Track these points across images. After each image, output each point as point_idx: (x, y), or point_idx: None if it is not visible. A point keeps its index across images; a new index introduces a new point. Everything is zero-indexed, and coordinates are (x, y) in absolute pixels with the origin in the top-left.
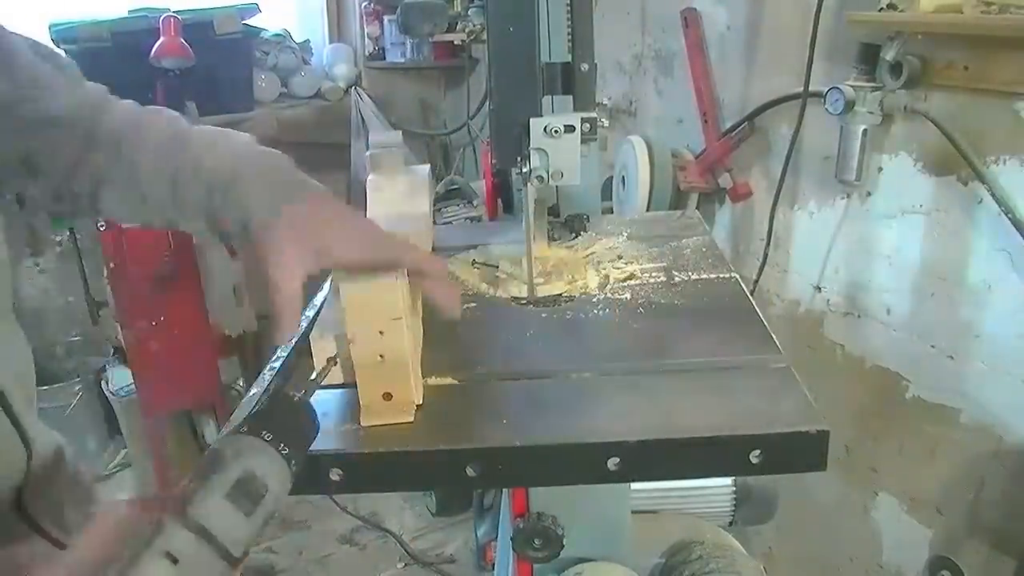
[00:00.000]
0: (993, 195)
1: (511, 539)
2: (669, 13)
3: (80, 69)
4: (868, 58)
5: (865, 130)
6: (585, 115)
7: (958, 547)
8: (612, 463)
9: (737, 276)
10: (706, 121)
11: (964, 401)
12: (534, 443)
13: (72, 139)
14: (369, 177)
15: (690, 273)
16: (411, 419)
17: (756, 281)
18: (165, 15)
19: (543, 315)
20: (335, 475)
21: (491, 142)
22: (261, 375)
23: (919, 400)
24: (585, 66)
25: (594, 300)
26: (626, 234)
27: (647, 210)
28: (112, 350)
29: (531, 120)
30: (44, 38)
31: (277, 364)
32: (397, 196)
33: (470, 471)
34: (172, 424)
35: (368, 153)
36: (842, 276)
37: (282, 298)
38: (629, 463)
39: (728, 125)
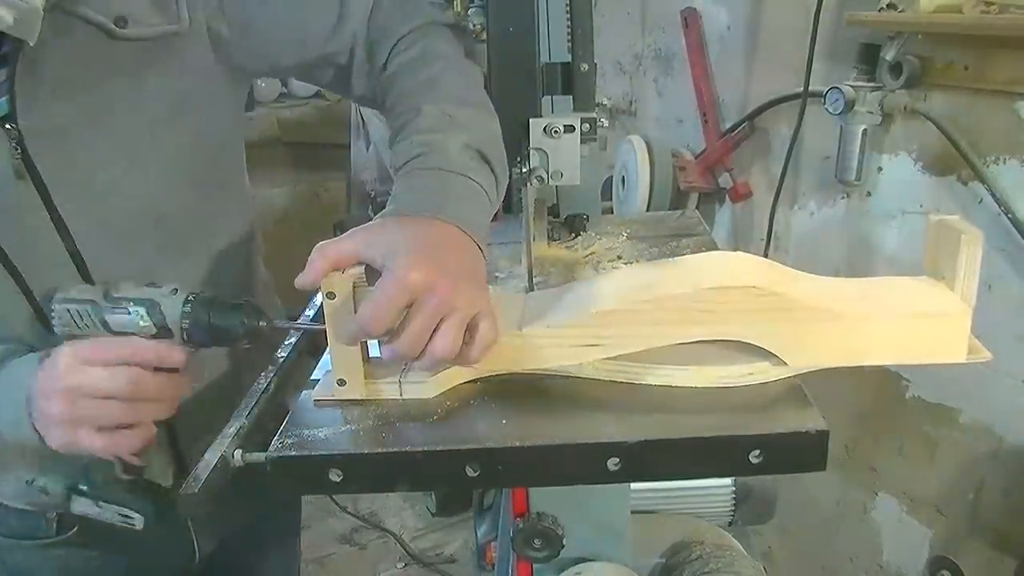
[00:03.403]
0: (993, 195)
1: (511, 539)
2: (669, 13)
3: None
4: (868, 58)
5: (865, 130)
6: (585, 115)
7: (958, 547)
8: (612, 463)
9: None
10: (706, 121)
11: (964, 401)
12: (534, 443)
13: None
14: None
15: None
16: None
17: None
18: None
19: None
20: (335, 475)
21: None
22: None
23: (919, 400)
24: (585, 66)
25: None
26: (626, 234)
27: (647, 210)
28: None
29: (531, 120)
30: None
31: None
32: None
33: (470, 471)
34: None
35: None
36: (842, 276)
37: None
38: (629, 463)
39: (728, 125)
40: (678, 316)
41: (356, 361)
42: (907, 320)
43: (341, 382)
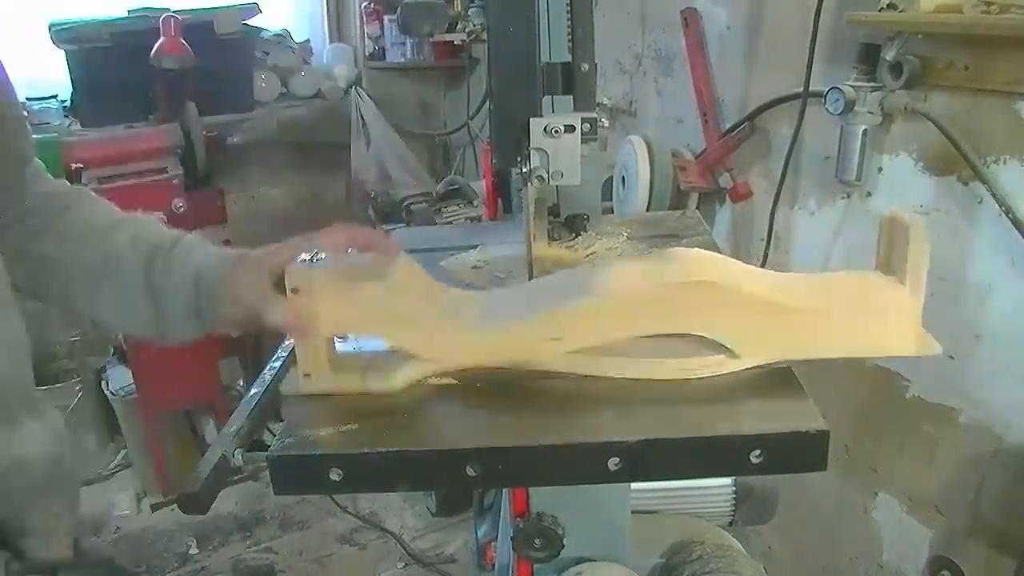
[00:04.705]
0: (993, 195)
1: (511, 539)
2: (669, 13)
3: (80, 69)
4: (868, 58)
5: (865, 130)
6: (585, 115)
7: (958, 547)
8: (612, 463)
9: None
10: (706, 121)
11: (964, 401)
12: (534, 443)
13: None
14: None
15: None
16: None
17: None
18: (165, 15)
19: None
20: (335, 475)
21: (491, 142)
22: (261, 375)
23: (919, 400)
24: (585, 66)
25: None
26: (626, 234)
27: (647, 210)
28: (112, 350)
29: (531, 120)
30: (44, 38)
31: (277, 364)
32: None
33: (470, 471)
34: (171, 424)
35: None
36: None
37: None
38: (629, 463)
39: (728, 125)
40: (638, 311)
41: (321, 356)
42: (857, 315)
43: (307, 376)
